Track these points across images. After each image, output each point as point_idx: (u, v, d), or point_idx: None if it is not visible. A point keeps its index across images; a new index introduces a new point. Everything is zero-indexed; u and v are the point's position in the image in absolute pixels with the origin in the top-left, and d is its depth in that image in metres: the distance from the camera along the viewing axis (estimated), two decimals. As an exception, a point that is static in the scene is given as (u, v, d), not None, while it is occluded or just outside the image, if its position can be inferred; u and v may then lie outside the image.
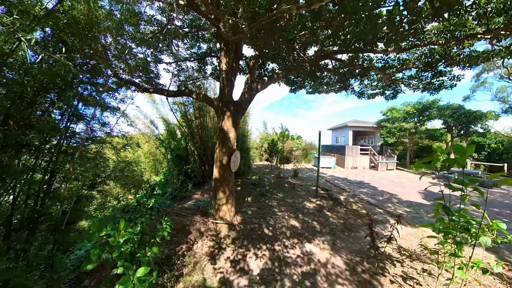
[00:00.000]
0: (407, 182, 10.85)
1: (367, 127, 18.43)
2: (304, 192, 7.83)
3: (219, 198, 4.81)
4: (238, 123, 4.87)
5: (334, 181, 10.48)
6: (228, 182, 4.76)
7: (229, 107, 4.67)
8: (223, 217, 4.90)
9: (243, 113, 4.92)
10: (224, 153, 4.66)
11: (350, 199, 7.27)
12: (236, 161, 4.99)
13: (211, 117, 9.66)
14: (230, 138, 4.68)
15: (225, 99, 4.70)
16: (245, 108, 4.91)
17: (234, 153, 4.75)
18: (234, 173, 9.82)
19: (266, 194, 7.43)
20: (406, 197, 7.88)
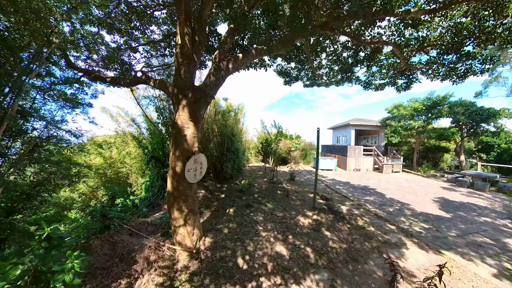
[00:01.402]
0: (417, 188, 9.58)
1: (371, 126, 17.15)
2: (299, 201, 6.57)
3: (174, 218, 3.60)
4: (200, 115, 3.62)
5: (335, 186, 9.22)
6: (186, 197, 3.53)
7: (185, 93, 3.42)
8: (181, 242, 3.69)
9: (207, 102, 3.67)
10: (177, 157, 3.43)
11: (354, 210, 6.01)
12: (199, 169, 3.74)
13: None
14: (187, 136, 3.44)
15: (181, 83, 3.45)
16: (211, 94, 3.65)
17: (193, 158, 3.51)
18: (221, 176, 8.58)
19: (253, 205, 6.20)
20: (419, 207, 6.61)
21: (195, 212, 3.85)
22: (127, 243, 4.06)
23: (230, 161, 9.08)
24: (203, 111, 3.66)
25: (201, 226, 4.16)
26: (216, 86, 3.70)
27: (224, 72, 3.69)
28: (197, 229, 3.94)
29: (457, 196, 8.42)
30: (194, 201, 3.77)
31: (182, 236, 3.72)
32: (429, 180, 12.19)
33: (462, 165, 16.67)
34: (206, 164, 4.03)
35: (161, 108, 7.86)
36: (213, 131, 8.97)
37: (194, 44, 3.61)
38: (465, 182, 10.71)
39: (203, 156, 3.85)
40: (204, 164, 3.92)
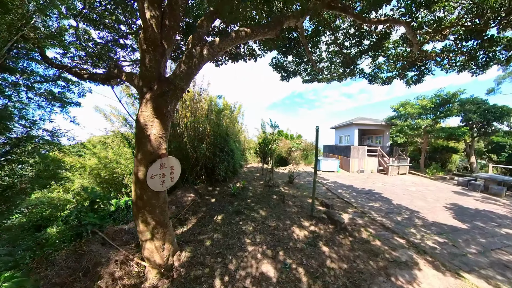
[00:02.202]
0: (426, 192, 8.83)
1: (375, 125, 16.36)
2: (296, 208, 5.93)
3: (140, 232, 3.03)
4: (168, 111, 3.00)
5: (336, 190, 8.54)
6: (152, 208, 2.94)
7: (150, 85, 2.82)
8: (149, 258, 3.11)
9: (177, 95, 3.04)
10: (139, 161, 2.83)
11: (358, 219, 5.34)
12: (169, 174, 3.14)
13: (187, 107, 7.91)
14: (151, 136, 2.83)
15: (146, 74, 2.85)
16: (181, 86, 3.03)
17: (158, 162, 2.90)
18: (213, 179, 7.97)
19: (244, 211, 5.58)
20: (431, 216, 5.90)
21: (165, 224, 3.24)
22: (95, 254, 3.56)
23: (224, 162, 8.47)
24: (172, 106, 3.03)
25: (174, 240, 3.56)
26: (188, 76, 3.08)
27: (197, 60, 3.06)
28: (168, 244, 3.34)
29: (471, 202, 7.67)
30: (163, 212, 3.16)
31: (150, 252, 3.14)
32: (438, 183, 11.40)
33: (472, 166, 15.79)
34: (180, 169, 3.42)
35: None
36: (205, 130, 8.38)
37: (163, 29, 3.00)
38: (478, 186, 9.91)
39: (173, 159, 3.23)
40: (176, 169, 3.30)
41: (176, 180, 3.41)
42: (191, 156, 8.00)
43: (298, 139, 20.01)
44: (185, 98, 8.46)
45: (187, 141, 7.83)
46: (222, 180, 8.46)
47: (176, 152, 7.59)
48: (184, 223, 5.14)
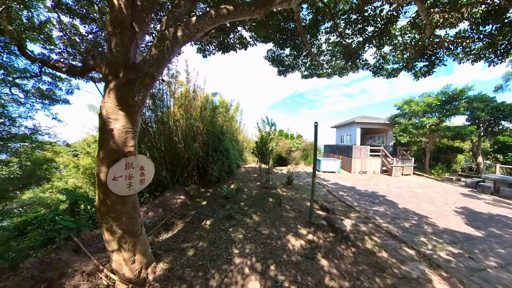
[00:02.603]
0: (434, 194, 8.28)
1: (378, 124, 15.80)
2: (293, 213, 5.43)
3: (106, 241, 2.62)
4: (135, 102, 2.53)
5: (338, 192, 8.02)
6: (117, 215, 2.51)
7: (115, 72, 2.35)
8: (118, 271, 2.64)
9: (146, 84, 2.56)
10: (101, 160, 2.38)
11: (361, 226, 4.82)
12: (138, 176, 2.67)
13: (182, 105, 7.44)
14: (114, 131, 2.36)
15: (112, 60, 2.40)
16: (151, 73, 2.55)
17: (123, 162, 2.43)
18: (206, 180, 7.50)
19: (235, 216, 5.09)
20: (441, 222, 5.38)
21: (135, 233, 2.76)
22: (63, 263, 3.16)
23: (218, 162, 7.99)
24: (141, 97, 2.55)
25: (148, 250, 3.08)
26: (159, 61, 2.59)
27: (170, 43, 2.57)
28: (140, 255, 2.87)
29: (482, 205, 7.12)
30: (131, 219, 2.68)
31: (118, 264, 2.70)
32: (445, 184, 10.84)
33: (479, 167, 15.19)
34: (153, 170, 2.94)
35: None
36: (198, 128, 7.90)
37: (134, 10, 2.52)
38: (488, 188, 9.35)
39: (144, 158, 2.75)
40: (148, 170, 2.82)
41: (148, 183, 2.94)
42: (182, 156, 7.54)
43: (298, 139, 19.50)
44: (178, 96, 8.01)
45: (177, 140, 7.37)
46: (216, 181, 7.98)
47: (165, 151, 7.13)
48: (170, 228, 4.69)
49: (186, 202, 6.65)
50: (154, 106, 7.06)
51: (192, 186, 7.55)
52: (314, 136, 4.47)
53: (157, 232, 4.57)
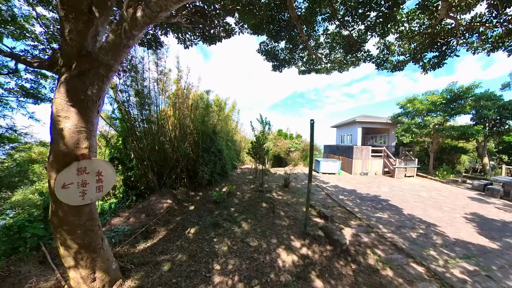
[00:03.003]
0: (440, 198, 7.75)
1: (380, 123, 15.25)
2: (287, 220, 4.92)
3: (61, 256, 2.30)
4: (89, 97, 2.16)
5: (338, 195, 7.50)
6: (72, 227, 2.23)
7: (69, 63, 1.92)
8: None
9: (103, 76, 2.11)
10: (51, 165, 2.04)
11: (363, 236, 4.31)
12: (94, 183, 2.25)
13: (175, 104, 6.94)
14: (64, 130, 1.98)
15: (66, 50, 2.03)
16: (107, 61, 2.10)
17: (74, 166, 2.01)
18: (196, 183, 7.02)
19: (223, 224, 4.61)
20: (451, 230, 4.86)
21: (94, 248, 2.32)
22: (21, 277, 2.79)
23: (209, 164, 7.50)
24: (95, 90, 2.09)
25: (112, 266, 2.63)
26: (116, 48, 2.12)
27: (128, 25, 2.10)
28: (101, 272, 2.42)
29: (493, 211, 6.59)
30: (88, 232, 2.24)
31: (76, 283, 2.33)
32: (450, 187, 10.30)
33: (485, 168, 14.63)
34: (114, 175, 2.48)
35: (121, 101, 6.30)
36: (188, 128, 7.42)
37: None
38: (498, 191, 8.80)
39: (102, 162, 2.29)
40: (107, 175, 2.36)
41: (107, 190, 2.47)
42: (170, 157, 7.05)
43: (297, 139, 18.99)
44: (169, 94, 7.52)
45: (164, 140, 6.88)
46: (207, 184, 7.48)
47: (152, 152, 6.65)
48: (150, 237, 4.27)
49: (172, 206, 6.18)
50: (140, 105, 6.58)
51: (181, 189, 7.07)
52: (310, 135, 3.96)
53: (134, 241, 4.13)
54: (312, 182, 9.52)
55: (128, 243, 4.02)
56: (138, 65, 6.43)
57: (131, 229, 4.70)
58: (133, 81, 6.46)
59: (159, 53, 6.94)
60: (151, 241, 4.12)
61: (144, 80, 6.68)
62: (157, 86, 7.12)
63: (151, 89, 6.97)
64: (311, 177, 4.02)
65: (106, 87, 2.33)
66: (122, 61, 2.46)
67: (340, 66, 6.81)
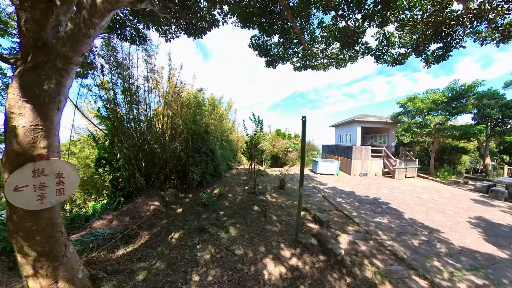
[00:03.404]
0: (442, 201, 7.40)
1: (379, 123, 14.90)
2: (279, 226, 4.57)
3: (20, 264, 2.11)
4: (46, 92, 1.99)
5: (335, 198, 7.14)
6: (28, 233, 2.10)
7: (24, 55, 1.64)
8: None
9: (60, 70, 1.83)
10: (4, 165, 1.79)
11: (360, 244, 3.95)
12: (54, 186, 1.99)
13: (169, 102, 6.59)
14: (18, 129, 1.76)
15: (23, 41, 1.81)
16: (65, 53, 1.85)
17: (29, 167, 1.76)
18: (186, 184, 6.68)
19: (209, 229, 4.27)
20: (456, 237, 4.50)
21: (55, 256, 2.10)
22: None
23: (200, 164, 7.14)
24: (53, 85, 1.84)
25: (79, 275, 2.40)
26: (74, 38, 1.85)
27: (87, 13, 1.81)
28: (64, 283, 2.22)
29: (499, 215, 6.24)
30: (48, 239, 2.05)
31: None
32: (452, 188, 9.95)
33: (487, 169, 14.29)
34: (77, 177, 2.19)
35: (107, 98, 5.96)
36: (178, 127, 7.07)
37: None
38: (502, 193, 8.44)
39: (63, 163, 2.03)
40: (69, 178, 2.11)
41: (70, 193, 2.18)
42: (159, 157, 6.71)
43: (295, 139, 18.63)
44: (161, 93, 7.17)
45: (152, 139, 6.54)
46: (198, 185, 7.13)
47: (137, 152, 6.31)
48: (131, 241, 4.01)
49: (159, 209, 5.84)
50: (128, 103, 6.25)
51: (170, 190, 6.73)
52: (302, 133, 3.61)
53: (114, 246, 3.82)
54: (309, 184, 9.17)
55: (106, 248, 3.72)
56: (125, 61, 6.10)
57: (113, 233, 4.40)
58: (120, 78, 6.14)
59: (149, 50, 6.63)
60: (131, 246, 3.82)
61: (132, 77, 6.36)
62: (147, 83, 6.80)
63: (140, 87, 6.66)
64: (302, 180, 3.68)
65: (66, 81, 2.03)
66: (83, 52, 2.13)
67: (337, 61, 6.46)
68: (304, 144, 3.60)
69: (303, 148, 3.61)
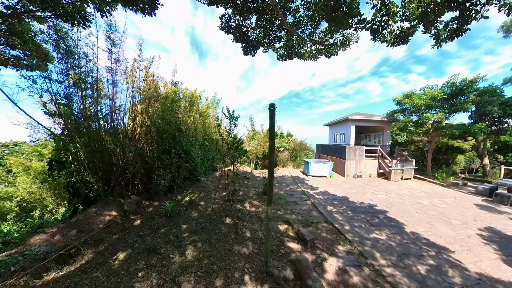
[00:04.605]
0: (445, 207, 6.59)
1: (374, 121, 14.12)
2: (251, 245, 3.63)
3: None
4: None
5: (326, 206, 6.24)
6: None
7: None
8: None
9: None
10: None
11: (352, 273, 3.04)
12: None
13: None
14: None
15: None
16: None
17: None
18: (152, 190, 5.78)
19: (161, 250, 3.33)
20: (469, 259, 3.65)
21: None
22: None
23: (170, 167, 6.15)
24: None
25: None
26: None
27: None
28: None
29: (510, 224, 5.45)
30: None
31: None
32: (452, 191, 9.20)
33: (486, 169, 13.69)
34: None
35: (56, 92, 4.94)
36: (144, 125, 6.06)
37: None
38: (508, 197, 7.70)
39: None
40: None
41: None
42: (120, 159, 5.71)
43: (287, 138, 17.75)
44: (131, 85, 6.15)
45: (110, 139, 5.53)
46: (167, 191, 6.13)
47: (93, 154, 5.29)
48: (70, 262, 3.19)
49: (115, 220, 4.86)
50: (82, 97, 5.24)
51: (133, 197, 5.72)
52: (270, 122, 2.64)
53: (45, 268, 3.02)
54: (298, 188, 8.22)
55: (32, 272, 2.81)
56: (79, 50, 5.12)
57: (49, 251, 3.48)
58: (73, 68, 5.15)
59: (115, 38, 5.70)
60: (67, 269, 2.99)
61: (84, 66, 5.37)
62: (110, 76, 5.83)
63: (104, 80, 5.70)
64: (271, 197, 2.71)
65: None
66: None
67: (327, 48, 5.56)
68: (273, 128, 2.61)
69: (272, 150, 2.65)
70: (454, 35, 3.04)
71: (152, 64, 6.37)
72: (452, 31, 3.02)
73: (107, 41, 5.68)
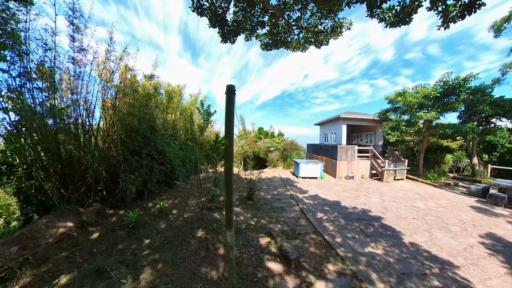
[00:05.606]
0: (441, 211, 6.16)
1: (366, 120, 13.78)
2: (221, 267, 2.98)
3: None
4: None
5: (315, 212, 5.66)
6: None
7: None
8: None
9: None
10: None
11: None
12: None
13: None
14: None
15: None
16: None
17: None
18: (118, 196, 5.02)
19: (110, 272, 2.63)
20: (477, 275, 3.16)
21: None
22: None
23: (140, 170, 5.41)
24: None
25: None
26: None
27: None
28: None
29: (509, 228, 5.06)
30: None
31: None
32: (445, 192, 8.89)
33: (475, 169, 13.59)
34: None
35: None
36: (109, 122, 5.30)
37: None
38: (502, 198, 7.40)
39: None
40: None
41: None
42: (79, 162, 4.95)
43: (278, 138, 17.20)
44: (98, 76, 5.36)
45: (64, 139, 4.76)
46: (137, 197, 5.39)
47: (45, 155, 4.51)
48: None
49: (70, 233, 4.11)
50: (30, 90, 4.45)
51: (95, 205, 4.95)
52: (226, 109, 1.97)
53: None
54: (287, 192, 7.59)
55: None
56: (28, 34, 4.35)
57: None
58: (18, 56, 4.38)
59: (78, 23, 5.00)
60: None
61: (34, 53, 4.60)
62: (72, 67, 5.10)
63: (57, 70, 4.92)
64: (231, 220, 2.08)
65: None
66: None
67: (316, 36, 4.99)
68: (231, 116, 1.95)
69: (231, 145, 2.01)
70: (465, 13, 2.50)
71: (127, 55, 5.64)
72: (463, 7, 2.48)
73: (70, 27, 4.95)
